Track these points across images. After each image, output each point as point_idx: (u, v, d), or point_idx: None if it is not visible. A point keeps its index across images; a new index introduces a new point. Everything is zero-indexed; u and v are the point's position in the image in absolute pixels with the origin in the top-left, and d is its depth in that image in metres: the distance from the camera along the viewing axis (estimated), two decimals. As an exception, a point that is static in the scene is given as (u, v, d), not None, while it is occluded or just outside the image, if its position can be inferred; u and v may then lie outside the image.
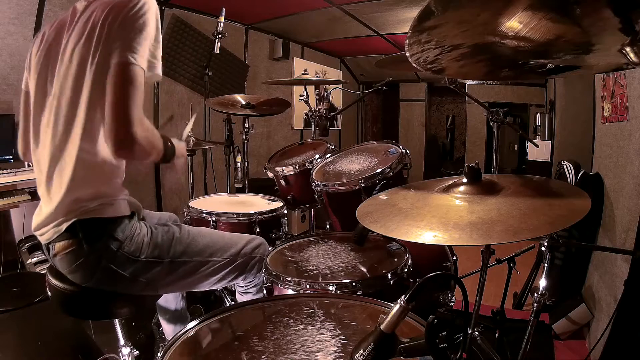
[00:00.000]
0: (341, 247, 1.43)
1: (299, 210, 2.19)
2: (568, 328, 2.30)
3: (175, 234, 1.22)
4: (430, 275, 0.65)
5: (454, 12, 0.74)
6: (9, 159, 2.38)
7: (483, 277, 1.29)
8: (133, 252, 1.10)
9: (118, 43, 0.98)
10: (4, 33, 2.46)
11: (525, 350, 1.41)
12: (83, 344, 1.82)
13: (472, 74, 1.17)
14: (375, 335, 0.62)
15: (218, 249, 1.29)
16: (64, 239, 1.05)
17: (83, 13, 1.06)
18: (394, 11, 3.97)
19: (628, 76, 1.99)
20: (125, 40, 0.98)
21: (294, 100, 4.65)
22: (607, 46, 0.79)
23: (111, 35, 0.99)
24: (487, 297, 1.49)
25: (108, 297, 1.14)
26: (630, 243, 1.78)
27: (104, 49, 0.99)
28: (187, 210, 1.91)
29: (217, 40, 2.61)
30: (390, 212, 0.96)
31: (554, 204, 0.87)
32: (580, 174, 2.73)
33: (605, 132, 2.44)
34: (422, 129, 7.76)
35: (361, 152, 1.91)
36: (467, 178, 0.95)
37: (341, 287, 1.12)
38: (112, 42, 0.98)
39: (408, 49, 0.84)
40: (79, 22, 1.05)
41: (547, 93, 5.58)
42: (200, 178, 3.48)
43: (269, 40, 4.90)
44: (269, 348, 0.80)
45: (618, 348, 1.69)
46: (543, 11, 0.70)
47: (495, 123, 1.66)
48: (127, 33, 0.98)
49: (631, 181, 1.88)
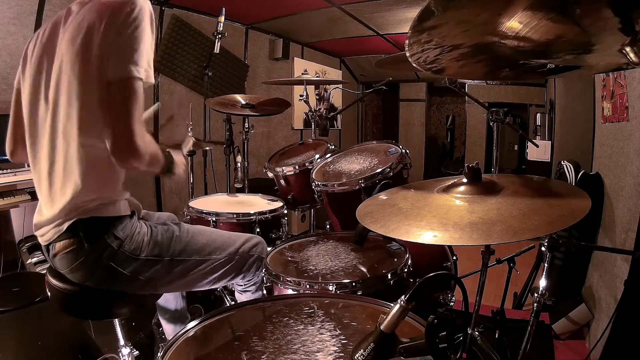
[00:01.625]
0: (341, 247, 1.43)
1: (299, 210, 2.19)
2: (568, 328, 2.30)
3: (175, 233, 1.22)
4: (430, 275, 0.65)
5: (454, 12, 0.74)
6: (9, 159, 2.37)
7: (483, 277, 1.29)
8: (133, 251, 1.11)
9: (116, 54, 0.97)
10: (4, 33, 2.46)
11: (525, 350, 1.41)
12: (83, 344, 1.82)
13: (472, 74, 1.17)
14: (375, 335, 0.62)
15: (217, 247, 1.30)
16: (64, 238, 1.05)
17: (77, 15, 1.05)
18: (394, 11, 3.97)
19: (628, 76, 1.99)
20: (124, 52, 0.98)
21: (294, 100, 4.64)
22: (607, 46, 0.79)
23: (108, 41, 0.98)
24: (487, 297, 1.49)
25: (108, 297, 1.14)
26: (630, 243, 1.78)
27: (101, 53, 0.98)
28: (187, 210, 1.91)
29: (217, 40, 2.62)
30: (390, 212, 0.96)
31: (554, 204, 0.87)
32: (580, 174, 2.73)
33: (605, 132, 2.44)
34: (422, 129, 7.76)
35: (361, 152, 1.91)
36: (467, 178, 0.95)
37: (341, 287, 1.12)
38: (110, 50, 0.98)
39: (408, 49, 0.84)
40: (73, 23, 1.03)
41: (547, 93, 5.58)
42: (200, 178, 3.48)
43: (269, 40, 4.90)
44: (269, 348, 0.80)
45: (618, 348, 1.69)
46: (543, 11, 0.70)
47: (495, 123, 1.66)
48: (126, 43, 0.98)
49: (631, 181, 1.88)
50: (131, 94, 0.97)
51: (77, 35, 1.00)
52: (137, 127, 0.97)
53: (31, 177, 1.16)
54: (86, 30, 0.99)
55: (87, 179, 1.03)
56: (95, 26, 0.98)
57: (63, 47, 1.03)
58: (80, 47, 0.99)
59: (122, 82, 0.97)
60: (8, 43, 2.47)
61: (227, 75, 4.23)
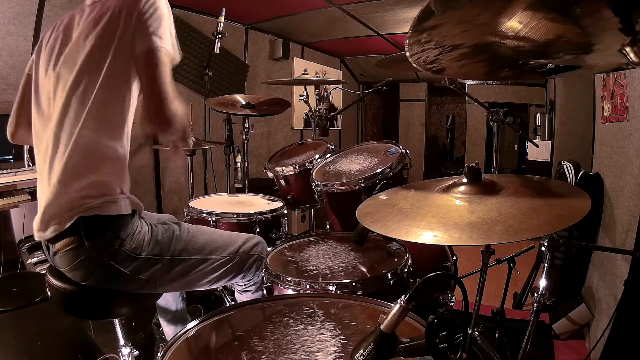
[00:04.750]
0: (341, 247, 1.43)
1: (299, 210, 2.19)
2: (568, 328, 2.30)
3: (175, 232, 1.22)
4: (430, 275, 0.65)
5: (454, 12, 0.74)
6: (9, 159, 2.38)
7: (483, 277, 1.29)
8: (134, 250, 1.11)
9: (140, 34, 1.03)
10: (4, 33, 2.46)
11: (525, 350, 1.40)
12: (83, 344, 1.82)
13: (472, 74, 1.17)
14: (375, 335, 0.62)
15: (217, 247, 1.30)
16: (65, 236, 1.05)
17: (94, 8, 1.09)
18: (394, 11, 3.97)
19: (628, 76, 1.99)
20: (147, 30, 1.03)
21: (294, 100, 4.64)
22: (607, 46, 0.79)
23: (129, 27, 1.03)
24: (487, 297, 1.49)
25: (108, 297, 1.14)
26: (630, 243, 1.78)
27: (122, 38, 1.03)
28: (187, 210, 1.91)
29: (217, 40, 2.62)
30: (390, 212, 0.96)
31: (554, 204, 0.87)
32: (580, 174, 2.72)
33: (605, 132, 2.43)
34: (422, 129, 7.76)
35: (361, 152, 1.91)
36: (467, 178, 0.95)
37: (341, 287, 1.12)
38: (133, 35, 1.03)
39: (408, 49, 0.84)
40: (94, 13, 1.08)
41: (547, 93, 5.57)
42: (200, 178, 3.48)
43: (269, 40, 4.90)
44: (269, 348, 0.80)
45: (618, 348, 1.69)
46: (543, 11, 0.70)
47: (495, 123, 1.66)
48: (147, 24, 1.03)
49: (631, 181, 1.88)
50: (159, 62, 1.02)
51: (98, 22, 1.05)
52: (168, 95, 1.01)
53: (31, 177, 1.16)
54: (108, 17, 1.05)
55: (90, 177, 1.04)
56: (116, 14, 1.04)
57: (81, 35, 1.06)
58: (102, 31, 1.04)
59: (148, 53, 1.02)
60: (8, 43, 2.46)
61: (227, 75, 4.23)
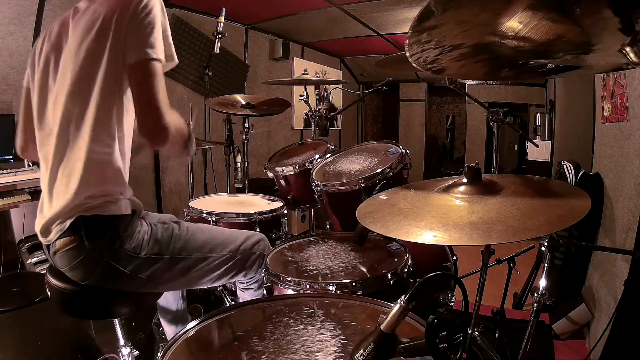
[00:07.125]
0: (341, 247, 1.43)
1: (299, 210, 2.19)
2: (568, 328, 2.30)
3: (175, 231, 1.22)
4: (430, 275, 0.65)
5: (454, 12, 0.74)
6: (9, 159, 2.38)
7: (483, 277, 1.29)
8: (134, 249, 1.11)
9: (132, 41, 1.01)
10: (4, 33, 2.46)
11: (525, 350, 1.40)
12: (83, 344, 1.82)
13: (472, 74, 1.17)
14: (375, 335, 0.62)
15: (217, 244, 1.29)
16: (65, 235, 1.05)
17: (86, 11, 1.07)
18: (394, 11, 3.97)
19: (628, 76, 1.99)
20: (139, 38, 1.01)
21: (294, 100, 4.64)
22: (607, 46, 0.79)
23: (122, 32, 1.01)
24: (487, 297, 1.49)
25: (108, 297, 1.14)
26: (630, 243, 1.78)
27: (115, 45, 1.02)
28: (187, 210, 1.91)
29: (217, 40, 2.61)
30: (390, 212, 0.96)
31: (554, 204, 0.87)
32: (580, 174, 2.72)
33: (605, 132, 2.43)
34: (422, 129, 7.77)
35: (361, 152, 1.91)
36: (467, 178, 0.95)
37: (341, 287, 1.11)
38: (125, 40, 1.01)
39: (408, 49, 0.84)
40: (83, 19, 1.06)
41: (547, 93, 5.58)
42: (200, 178, 3.48)
43: (269, 40, 4.90)
44: (269, 348, 0.80)
45: (618, 348, 1.69)
46: (543, 11, 0.70)
47: (495, 123, 1.66)
48: (140, 30, 1.02)
49: (631, 181, 1.88)
50: (151, 74, 1.01)
51: (90, 27, 1.03)
52: (162, 106, 1.01)
53: (31, 177, 1.17)
54: (100, 22, 1.03)
55: (91, 177, 1.04)
56: (108, 18, 1.02)
57: (74, 42, 1.05)
58: (95, 39, 1.03)
59: (141, 65, 1.01)
60: (8, 43, 2.47)
61: (227, 75, 4.23)
